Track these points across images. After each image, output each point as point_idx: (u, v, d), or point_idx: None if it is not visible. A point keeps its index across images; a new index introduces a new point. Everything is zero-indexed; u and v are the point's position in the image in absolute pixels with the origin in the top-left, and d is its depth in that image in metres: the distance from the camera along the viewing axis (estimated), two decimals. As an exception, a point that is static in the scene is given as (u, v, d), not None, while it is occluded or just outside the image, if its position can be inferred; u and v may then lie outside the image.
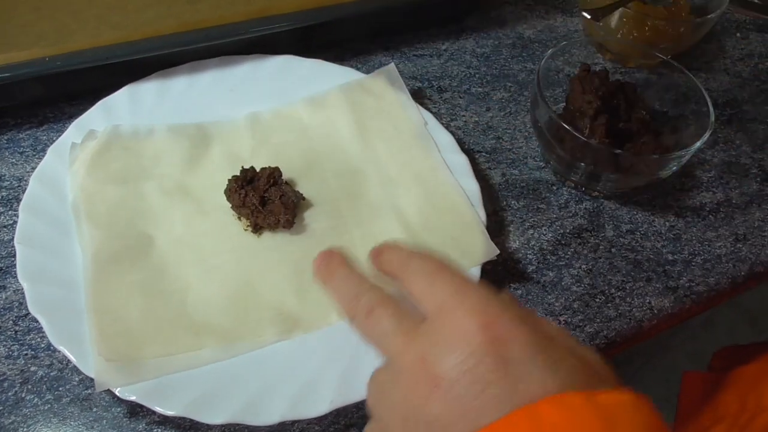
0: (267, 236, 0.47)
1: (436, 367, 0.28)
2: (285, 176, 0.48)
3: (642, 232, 0.52)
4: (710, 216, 0.54)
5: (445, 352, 0.28)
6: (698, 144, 0.48)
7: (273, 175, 0.47)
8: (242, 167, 0.47)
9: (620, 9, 0.60)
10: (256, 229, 0.47)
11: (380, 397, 0.32)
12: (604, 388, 0.27)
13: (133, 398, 0.37)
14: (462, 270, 0.33)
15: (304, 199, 0.48)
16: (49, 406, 0.40)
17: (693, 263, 0.51)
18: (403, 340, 0.30)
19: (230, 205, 0.47)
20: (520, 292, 0.48)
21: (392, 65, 0.58)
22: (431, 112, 0.55)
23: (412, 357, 0.29)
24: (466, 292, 0.30)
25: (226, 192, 0.47)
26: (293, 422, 0.40)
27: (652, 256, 0.51)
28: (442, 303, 0.30)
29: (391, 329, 0.31)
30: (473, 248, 0.46)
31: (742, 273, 0.51)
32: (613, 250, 0.51)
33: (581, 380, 0.28)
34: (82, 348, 0.39)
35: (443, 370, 0.28)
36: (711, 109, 0.50)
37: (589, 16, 0.59)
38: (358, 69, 0.59)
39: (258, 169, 0.48)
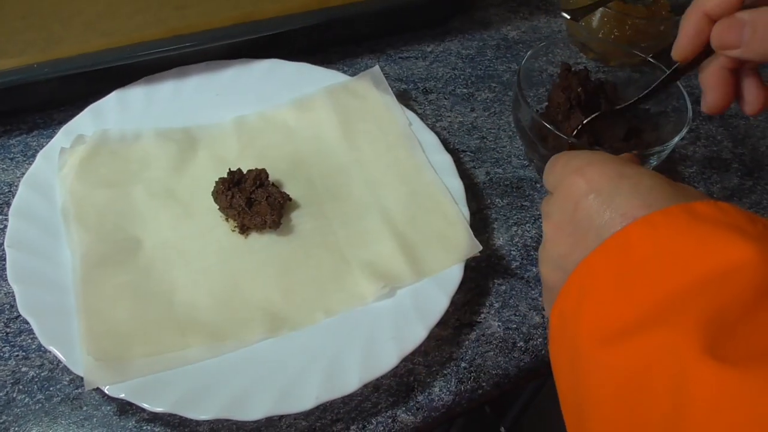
0: (254, 237, 0.48)
1: (554, 218, 0.36)
2: (271, 178, 0.49)
3: (624, 228, 0.53)
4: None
5: (560, 207, 0.36)
6: (676, 139, 0.49)
7: (260, 176, 0.48)
8: (229, 169, 0.48)
9: (601, 9, 0.61)
10: (243, 230, 0.48)
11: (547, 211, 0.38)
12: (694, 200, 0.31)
13: (122, 396, 0.38)
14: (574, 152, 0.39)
15: (290, 199, 0.49)
16: (40, 405, 0.40)
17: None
18: (542, 212, 0.39)
19: (218, 207, 0.48)
20: (504, 287, 0.49)
21: (377, 67, 0.59)
22: (417, 113, 0.56)
23: (543, 218, 0.38)
24: (571, 161, 0.37)
25: (213, 194, 0.48)
26: (280, 417, 0.41)
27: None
28: (557, 177, 0.37)
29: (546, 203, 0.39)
30: (457, 245, 0.47)
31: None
32: (595, 245, 0.52)
33: (662, 196, 0.32)
34: (71, 348, 0.40)
35: (558, 220, 0.36)
36: (689, 105, 0.51)
37: (568, 17, 0.60)
38: (344, 72, 0.60)
39: (245, 171, 0.48)
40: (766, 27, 0.38)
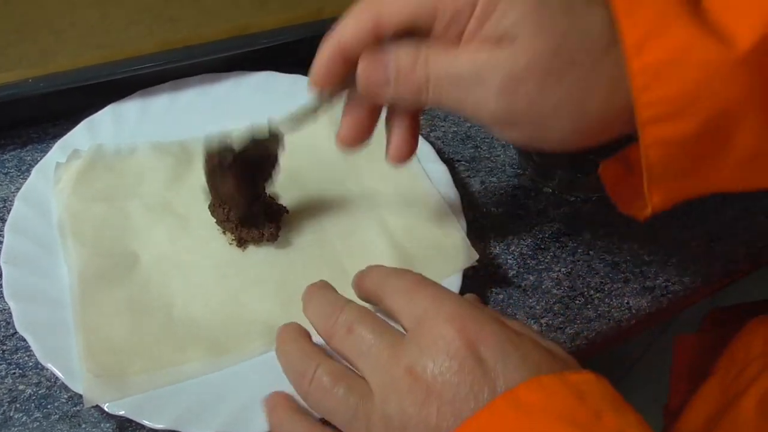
0: (252, 250, 0.48)
1: (426, 375, 0.30)
2: (268, 190, 0.49)
3: (619, 235, 0.53)
4: (684, 217, 0.55)
5: (432, 360, 0.31)
6: None
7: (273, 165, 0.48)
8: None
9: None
10: (241, 243, 0.47)
11: (367, 413, 0.32)
12: (571, 371, 0.31)
13: (121, 413, 0.38)
14: (437, 283, 0.35)
15: (287, 211, 0.49)
16: (38, 424, 0.40)
17: (669, 263, 0.52)
18: (389, 353, 0.32)
19: (214, 220, 0.48)
20: (501, 296, 0.49)
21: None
22: (410, 123, 0.56)
23: (401, 369, 0.31)
24: (442, 301, 0.33)
25: (209, 207, 0.48)
26: None
27: (629, 258, 0.52)
28: (423, 313, 0.33)
29: (375, 344, 0.33)
30: (454, 255, 0.47)
31: (717, 272, 0.52)
32: (591, 252, 0.52)
33: (549, 367, 0.31)
34: (69, 365, 0.39)
35: (433, 378, 0.30)
36: None
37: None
38: (338, 83, 0.60)
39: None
40: (408, 64, 0.35)
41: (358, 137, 0.41)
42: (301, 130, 0.43)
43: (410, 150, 0.42)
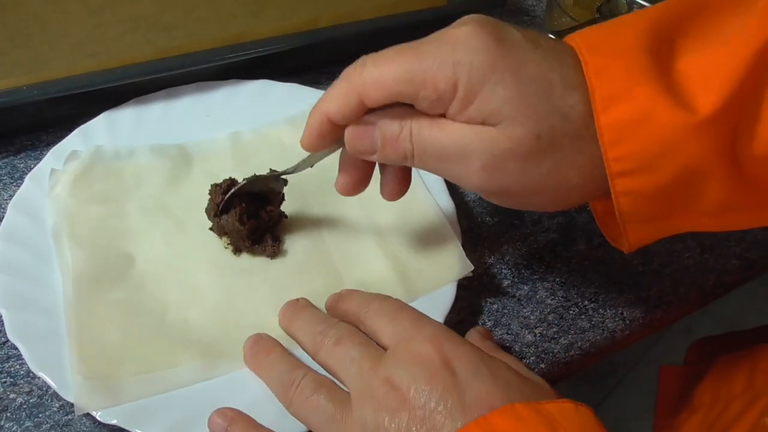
0: (247, 254, 0.48)
1: (402, 384, 0.33)
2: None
3: (613, 245, 0.53)
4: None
5: (408, 372, 0.34)
6: None
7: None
8: (224, 179, 0.48)
9: (586, 29, 0.62)
10: (237, 250, 0.47)
11: (344, 418, 0.35)
12: (546, 400, 0.32)
13: (114, 422, 0.38)
14: (416, 309, 0.39)
15: (286, 217, 0.49)
16: (29, 432, 0.40)
17: (662, 274, 0.52)
18: (370, 365, 0.35)
19: (211, 224, 0.48)
20: (496, 306, 0.49)
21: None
22: (405, 132, 0.56)
23: (379, 379, 0.34)
24: (423, 323, 0.37)
25: (206, 211, 0.47)
26: (275, 441, 0.40)
27: (623, 268, 0.52)
28: (403, 332, 0.36)
29: (359, 356, 0.36)
30: (450, 264, 0.47)
31: (710, 282, 0.52)
32: (585, 262, 0.52)
33: (519, 388, 0.33)
34: (61, 373, 0.39)
35: (407, 386, 0.33)
36: None
37: (553, 38, 0.60)
38: (333, 92, 0.60)
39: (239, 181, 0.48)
40: (393, 134, 0.36)
41: (355, 188, 0.42)
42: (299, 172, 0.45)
43: (403, 191, 0.43)
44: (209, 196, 0.46)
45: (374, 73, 0.35)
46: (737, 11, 0.34)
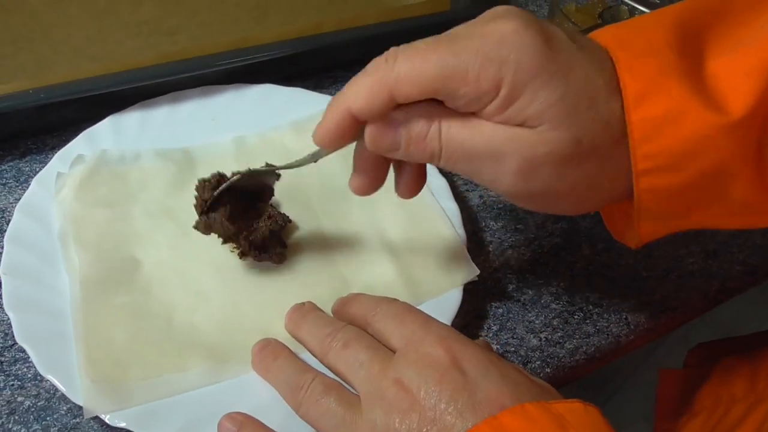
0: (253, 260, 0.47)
1: (412, 385, 0.33)
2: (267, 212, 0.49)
3: (617, 250, 0.54)
4: (681, 234, 0.55)
5: (418, 373, 0.34)
6: None
7: (268, 203, 0.48)
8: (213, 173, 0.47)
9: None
10: (243, 255, 0.47)
11: (354, 420, 0.35)
12: (555, 400, 0.32)
13: (122, 425, 0.37)
14: (423, 311, 0.39)
15: (290, 221, 0.49)
16: (36, 436, 0.39)
17: (666, 279, 0.52)
18: (380, 366, 0.35)
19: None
20: (501, 310, 0.49)
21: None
22: (410, 137, 0.57)
23: (389, 381, 0.34)
24: (431, 325, 0.37)
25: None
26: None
27: (627, 273, 0.52)
28: (412, 334, 0.36)
29: (368, 358, 0.36)
30: (455, 269, 0.48)
31: (714, 288, 0.53)
32: (589, 267, 0.52)
33: (528, 389, 0.33)
34: (69, 376, 0.39)
35: (417, 387, 0.33)
36: None
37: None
38: (337, 96, 0.60)
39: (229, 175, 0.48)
40: (420, 133, 0.34)
41: (371, 187, 0.40)
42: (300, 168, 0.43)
43: (419, 188, 0.41)
44: (196, 193, 0.44)
45: (407, 68, 0.32)
46: (759, 12, 0.34)
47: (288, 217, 0.49)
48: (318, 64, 0.64)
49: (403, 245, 0.49)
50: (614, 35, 0.34)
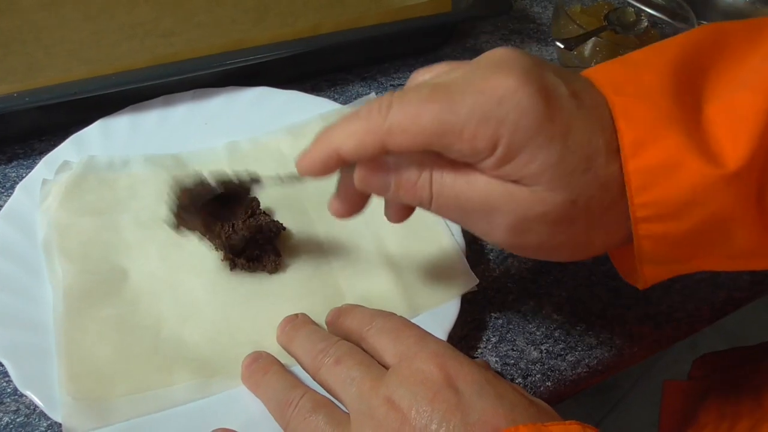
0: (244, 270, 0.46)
1: (403, 404, 0.32)
2: (263, 206, 0.47)
3: (621, 259, 0.52)
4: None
5: (409, 391, 0.33)
6: None
7: (251, 205, 0.46)
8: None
9: (593, 38, 0.61)
10: (234, 266, 0.46)
11: None
12: (551, 422, 0.31)
13: (103, 443, 0.36)
14: (421, 327, 0.38)
15: (284, 228, 0.47)
16: (16, 453, 0.38)
17: (671, 290, 0.51)
18: (371, 384, 0.34)
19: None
20: (501, 321, 0.48)
21: (373, 95, 0.58)
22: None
23: (380, 399, 0.33)
24: (426, 341, 0.36)
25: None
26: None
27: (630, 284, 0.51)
28: (406, 350, 0.35)
29: (359, 375, 0.35)
30: (454, 279, 0.46)
31: (720, 299, 0.51)
32: (592, 278, 0.51)
33: (525, 409, 0.32)
34: (49, 392, 0.38)
35: (408, 406, 0.32)
36: None
37: (562, 46, 0.59)
38: (335, 100, 0.59)
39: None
40: (409, 180, 0.33)
41: (350, 212, 0.39)
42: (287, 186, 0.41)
43: (408, 214, 0.40)
44: (172, 194, 0.42)
45: (401, 119, 0.31)
46: (756, 50, 0.33)
47: (282, 224, 0.47)
48: (316, 66, 0.63)
49: (401, 254, 0.48)
50: (612, 77, 0.33)
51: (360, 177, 0.35)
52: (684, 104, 0.31)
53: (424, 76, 0.35)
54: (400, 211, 0.40)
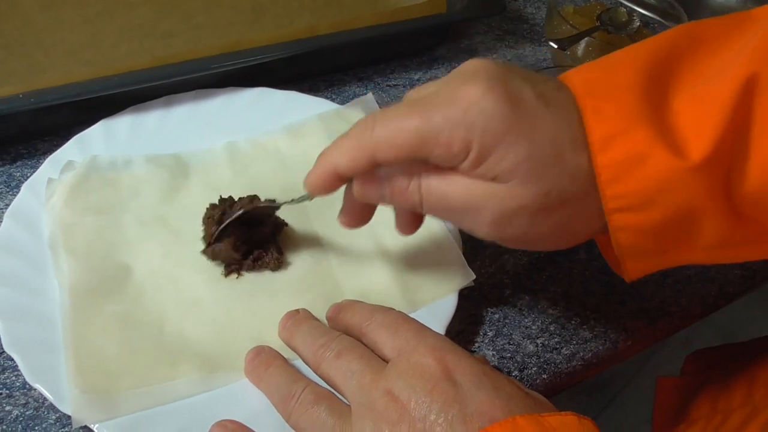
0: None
1: (402, 396, 0.33)
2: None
3: (614, 255, 0.53)
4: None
5: (408, 383, 0.33)
6: None
7: (252, 203, 0.47)
8: (220, 196, 0.47)
9: (586, 38, 0.62)
10: (231, 272, 0.47)
11: (343, 430, 0.35)
12: (548, 413, 0.32)
13: (111, 435, 0.37)
14: (419, 321, 0.38)
15: (286, 224, 0.48)
16: (24, 446, 0.39)
17: (664, 284, 0.52)
18: (372, 377, 0.35)
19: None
20: (497, 316, 0.49)
21: (370, 95, 0.59)
22: (405, 141, 0.56)
23: (380, 391, 0.34)
24: (425, 335, 0.36)
25: (204, 221, 0.47)
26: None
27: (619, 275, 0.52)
28: (405, 344, 0.36)
29: (360, 368, 0.36)
30: (451, 275, 0.47)
31: (713, 293, 0.52)
32: (586, 273, 0.52)
33: (522, 401, 0.33)
34: (58, 385, 0.38)
35: (407, 398, 0.33)
36: None
37: (555, 46, 0.60)
38: (332, 100, 0.59)
39: (236, 198, 0.48)
40: (401, 187, 0.37)
41: (358, 222, 0.43)
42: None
43: (417, 225, 0.44)
44: (203, 225, 0.46)
45: (385, 135, 0.35)
46: (730, 44, 0.34)
47: (284, 221, 0.48)
48: (313, 66, 0.63)
49: (398, 250, 0.49)
50: (584, 79, 0.35)
51: (358, 189, 0.38)
52: (653, 100, 0.33)
53: (411, 95, 0.38)
54: (409, 223, 0.43)
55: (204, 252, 0.46)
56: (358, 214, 0.42)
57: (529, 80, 0.35)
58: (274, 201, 0.46)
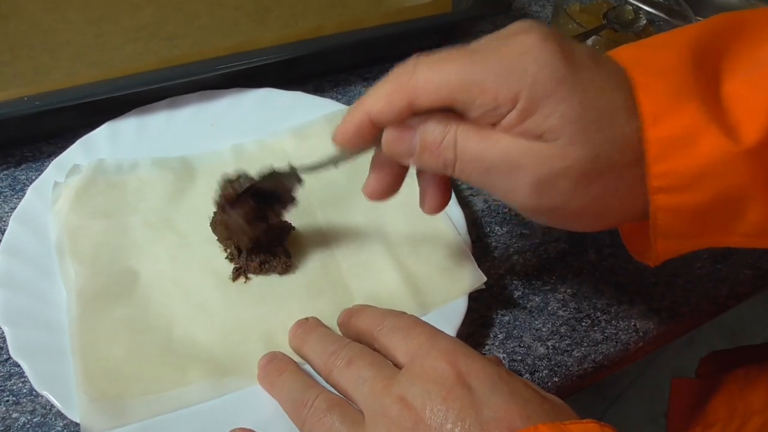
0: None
1: (416, 403, 0.32)
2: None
3: (624, 255, 0.52)
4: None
5: (422, 389, 0.33)
6: None
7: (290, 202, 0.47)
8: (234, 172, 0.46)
9: (592, 37, 0.62)
10: (239, 276, 0.46)
11: None
12: (570, 421, 0.31)
13: (120, 442, 0.37)
14: (432, 325, 0.38)
15: (294, 228, 0.48)
16: (32, 453, 0.39)
17: (674, 285, 0.51)
18: (384, 384, 0.34)
19: (216, 238, 0.46)
20: (507, 318, 0.48)
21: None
22: (412, 141, 0.56)
23: (393, 398, 0.33)
24: (437, 338, 0.36)
25: (211, 224, 0.46)
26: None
27: (634, 279, 0.51)
28: (417, 349, 0.35)
29: (371, 375, 0.35)
30: (461, 277, 0.46)
31: (723, 293, 0.52)
32: (596, 273, 0.51)
33: (539, 405, 0.32)
34: (66, 392, 0.38)
35: (422, 405, 0.32)
36: None
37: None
38: (337, 100, 0.59)
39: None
40: (435, 141, 0.34)
41: (384, 192, 0.40)
42: (319, 173, 0.42)
43: (445, 202, 0.40)
44: (217, 188, 0.44)
45: (428, 76, 0.33)
46: None
47: (291, 224, 0.48)
48: (318, 67, 0.63)
49: (408, 253, 0.48)
50: (631, 55, 0.33)
51: (387, 140, 0.35)
52: (704, 78, 0.32)
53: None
54: (436, 196, 0.40)
55: (212, 224, 0.44)
56: (385, 181, 0.39)
57: (580, 44, 0.33)
58: (296, 169, 0.43)
